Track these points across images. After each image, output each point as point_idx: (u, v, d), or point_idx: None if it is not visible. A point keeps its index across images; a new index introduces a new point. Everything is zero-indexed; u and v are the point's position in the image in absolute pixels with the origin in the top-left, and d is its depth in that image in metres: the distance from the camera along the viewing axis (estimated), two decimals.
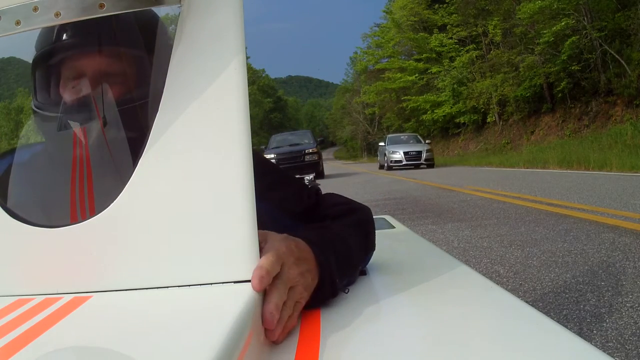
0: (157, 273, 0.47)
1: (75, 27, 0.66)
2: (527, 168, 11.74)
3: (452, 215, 4.94)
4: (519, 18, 16.51)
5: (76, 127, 0.66)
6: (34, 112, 0.70)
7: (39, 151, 0.71)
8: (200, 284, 0.46)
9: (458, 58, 23.66)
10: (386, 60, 32.80)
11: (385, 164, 16.44)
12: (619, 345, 1.70)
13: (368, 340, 0.46)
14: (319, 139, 14.39)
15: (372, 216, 0.73)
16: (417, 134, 20.25)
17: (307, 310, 0.54)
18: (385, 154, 16.81)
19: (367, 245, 0.70)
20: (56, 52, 0.68)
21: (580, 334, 1.79)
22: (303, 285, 0.50)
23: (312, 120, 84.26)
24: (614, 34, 14.65)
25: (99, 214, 0.49)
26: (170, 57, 0.52)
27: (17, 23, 0.53)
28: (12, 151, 0.71)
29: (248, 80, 0.51)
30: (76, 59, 0.68)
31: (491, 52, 21.81)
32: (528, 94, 18.11)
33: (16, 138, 0.71)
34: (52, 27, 0.68)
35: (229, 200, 0.47)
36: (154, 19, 0.70)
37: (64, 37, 0.67)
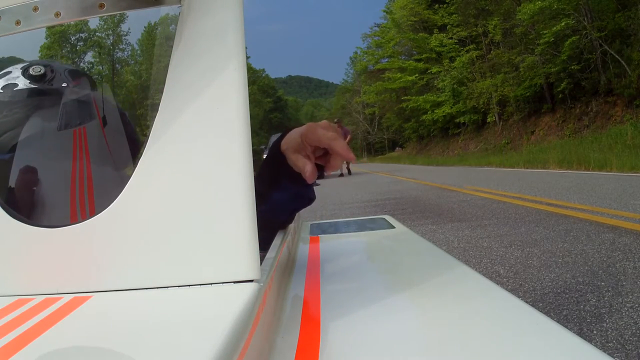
0: (157, 273, 0.47)
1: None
2: (527, 168, 11.73)
3: (452, 215, 4.94)
4: (519, 19, 16.51)
5: (76, 127, 0.66)
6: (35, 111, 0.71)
7: (39, 151, 0.71)
8: (200, 284, 0.46)
9: (458, 58, 23.67)
10: (386, 60, 32.85)
11: None
12: (619, 346, 1.70)
13: (368, 341, 0.46)
14: None
15: None
16: None
17: (307, 310, 0.54)
18: None
19: None
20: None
21: (580, 334, 1.79)
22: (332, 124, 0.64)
23: (312, 120, 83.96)
24: (614, 34, 14.64)
25: (99, 214, 0.49)
26: (170, 57, 0.52)
27: (17, 23, 0.53)
28: (12, 151, 0.71)
29: (248, 80, 0.51)
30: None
31: (491, 52, 21.81)
32: (528, 94, 18.10)
33: (17, 137, 0.71)
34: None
35: (229, 200, 0.47)
36: None
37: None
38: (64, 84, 0.73)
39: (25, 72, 0.73)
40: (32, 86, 0.72)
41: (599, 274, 2.54)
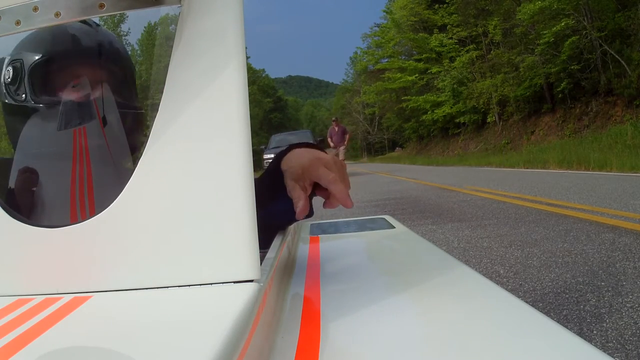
0: (157, 273, 0.47)
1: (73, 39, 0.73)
2: (527, 168, 11.74)
3: (452, 215, 4.94)
4: (519, 19, 16.50)
5: (76, 127, 0.66)
6: (35, 111, 0.71)
7: (38, 151, 0.71)
8: (200, 284, 0.46)
9: (458, 58, 23.67)
10: (386, 60, 32.87)
11: None
12: (619, 346, 1.70)
13: (368, 341, 0.46)
14: (318, 139, 14.50)
15: None
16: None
17: (307, 310, 0.54)
18: None
19: None
20: (56, 59, 0.70)
21: (580, 334, 1.79)
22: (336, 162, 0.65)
23: (312, 120, 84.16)
24: (614, 34, 14.64)
25: (99, 214, 0.49)
26: (170, 57, 0.52)
27: (17, 23, 0.53)
28: (11, 151, 0.71)
29: (248, 80, 0.51)
30: (76, 65, 0.69)
31: (491, 52, 21.80)
32: (528, 94, 18.11)
33: (16, 137, 0.71)
34: (50, 34, 0.69)
35: (229, 200, 0.47)
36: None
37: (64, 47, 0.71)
38: (22, 94, 0.70)
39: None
40: (5, 101, 0.71)
41: (599, 274, 2.54)
